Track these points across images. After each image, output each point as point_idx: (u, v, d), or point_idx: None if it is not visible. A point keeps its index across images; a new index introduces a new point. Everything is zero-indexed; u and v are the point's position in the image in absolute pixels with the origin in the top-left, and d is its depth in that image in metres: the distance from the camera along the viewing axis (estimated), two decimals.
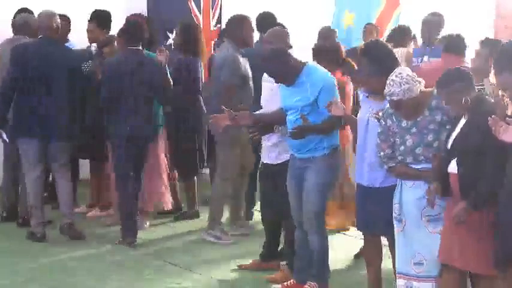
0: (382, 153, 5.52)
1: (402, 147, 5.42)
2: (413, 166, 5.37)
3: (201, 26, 10.36)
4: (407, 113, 5.37)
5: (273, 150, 6.59)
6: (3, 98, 7.72)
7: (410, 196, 5.43)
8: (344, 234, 8.09)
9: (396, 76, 5.31)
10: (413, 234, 5.44)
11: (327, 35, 8.42)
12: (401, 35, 8.69)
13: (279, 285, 6.44)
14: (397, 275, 5.59)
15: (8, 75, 7.68)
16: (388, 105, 5.51)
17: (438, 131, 5.31)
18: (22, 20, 8.41)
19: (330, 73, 6.22)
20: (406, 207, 5.45)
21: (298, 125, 6.00)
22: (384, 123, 5.52)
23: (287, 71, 6.01)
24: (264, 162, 6.74)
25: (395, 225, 5.54)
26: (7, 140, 7.96)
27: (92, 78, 8.19)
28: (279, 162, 6.55)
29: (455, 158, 5.05)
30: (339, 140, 6.26)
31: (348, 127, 6.47)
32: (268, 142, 6.57)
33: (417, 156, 5.35)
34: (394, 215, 5.53)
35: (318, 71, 6.10)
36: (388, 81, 5.32)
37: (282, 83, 6.13)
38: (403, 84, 5.26)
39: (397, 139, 5.44)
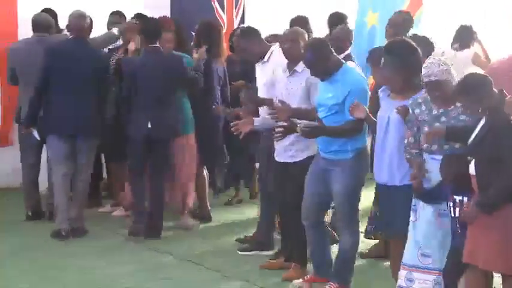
0: (406, 141, 5.55)
1: None
2: (437, 155, 5.37)
3: (225, 26, 10.38)
4: (443, 97, 5.37)
5: (289, 149, 6.53)
6: (35, 97, 7.83)
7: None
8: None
9: (434, 59, 5.40)
10: (424, 225, 5.50)
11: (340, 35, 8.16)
12: (468, 34, 8.45)
13: (300, 280, 6.42)
14: (401, 265, 5.62)
15: (40, 75, 7.77)
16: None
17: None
18: (41, 19, 8.40)
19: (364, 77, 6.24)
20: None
21: (311, 124, 6.02)
22: (411, 112, 5.54)
23: (322, 64, 6.02)
24: (281, 161, 6.63)
25: (411, 215, 5.58)
26: (38, 138, 8.03)
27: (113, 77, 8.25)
28: (296, 160, 6.51)
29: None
30: None
31: None
32: (285, 141, 6.49)
33: (442, 145, 5.39)
34: (412, 206, 5.57)
35: (352, 73, 6.11)
36: (425, 64, 5.39)
37: (316, 76, 6.15)
38: (442, 65, 5.33)
39: (425, 127, 5.45)
